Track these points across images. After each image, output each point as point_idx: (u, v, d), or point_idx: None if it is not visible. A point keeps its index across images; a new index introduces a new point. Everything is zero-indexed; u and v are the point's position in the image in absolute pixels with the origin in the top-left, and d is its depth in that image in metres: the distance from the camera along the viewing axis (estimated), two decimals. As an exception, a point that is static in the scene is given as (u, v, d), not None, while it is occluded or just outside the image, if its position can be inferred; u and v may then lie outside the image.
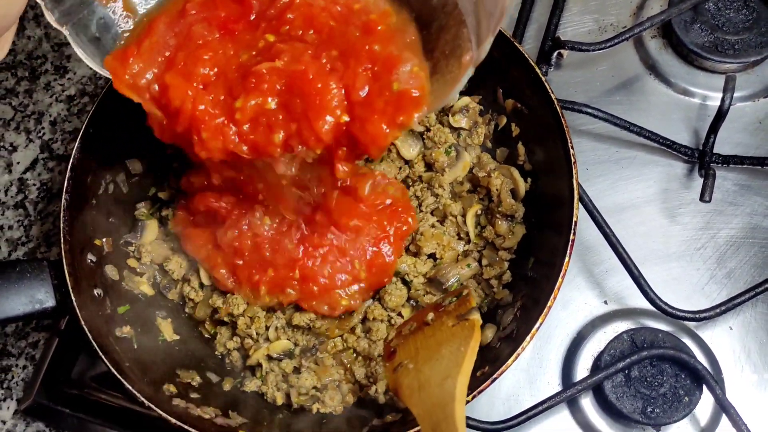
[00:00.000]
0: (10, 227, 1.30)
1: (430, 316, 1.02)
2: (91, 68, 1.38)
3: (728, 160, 1.21)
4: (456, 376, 0.90)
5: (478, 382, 0.96)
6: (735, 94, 1.17)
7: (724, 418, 1.08)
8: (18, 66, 1.40)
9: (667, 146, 1.22)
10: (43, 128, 1.36)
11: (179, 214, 1.17)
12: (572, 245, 0.99)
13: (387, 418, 1.04)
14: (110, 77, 0.96)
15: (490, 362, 1.00)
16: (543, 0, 1.34)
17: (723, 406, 1.06)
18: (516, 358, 0.96)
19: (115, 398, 1.17)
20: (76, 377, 1.20)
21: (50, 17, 0.94)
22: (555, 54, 1.27)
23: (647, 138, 1.22)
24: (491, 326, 1.08)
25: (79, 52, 0.96)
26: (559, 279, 0.98)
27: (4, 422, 1.20)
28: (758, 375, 1.13)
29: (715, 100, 1.25)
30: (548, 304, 0.97)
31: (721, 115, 1.17)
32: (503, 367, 0.96)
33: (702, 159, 1.20)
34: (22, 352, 1.24)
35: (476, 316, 0.97)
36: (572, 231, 1.00)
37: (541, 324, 0.97)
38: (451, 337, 0.96)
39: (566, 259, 0.98)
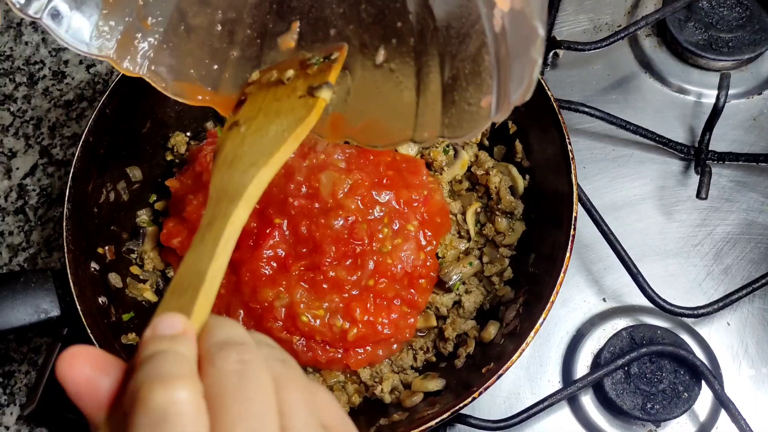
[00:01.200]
0: (11, 233, 1.31)
1: (290, 72, 0.83)
2: (88, 72, 1.39)
3: (724, 157, 1.22)
4: (260, 166, 0.72)
5: (484, 379, 0.97)
6: (730, 92, 1.19)
7: (723, 414, 1.09)
8: (16, 71, 1.40)
9: (663, 144, 1.23)
10: (42, 133, 1.36)
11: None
12: (573, 240, 1.00)
13: (393, 416, 1.05)
14: (107, 60, 0.89)
15: (494, 359, 1.01)
16: (538, 0, 1.35)
17: (722, 402, 1.07)
18: (521, 353, 0.97)
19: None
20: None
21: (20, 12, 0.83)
22: (551, 54, 1.28)
23: (643, 136, 1.23)
24: (494, 323, 1.09)
25: (64, 38, 0.86)
26: (561, 274, 0.99)
27: (7, 428, 1.20)
28: (756, 370, 1.14)
29: (710, 97, 1.26)
30: (551, 299, 0.98)
31: (716, 112, 1.18)
32: (508, 363, 0.96)
33: (698, 156, 1.22)
34: (24, 358, 1.24)
35: (325, 95, 0.78)
36: (573, 226, 1.01)
37: (544, 319, 0.98)
38: (288, 111, 0.78)
39: (567, 253, 0.99)
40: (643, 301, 1.13)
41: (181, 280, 0.62)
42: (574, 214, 1.01)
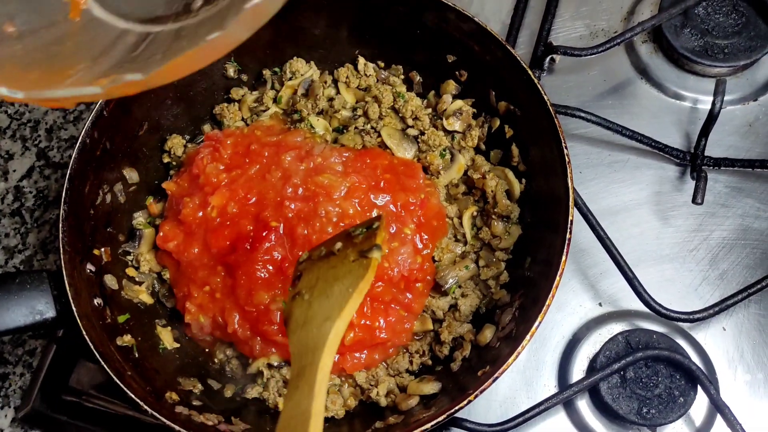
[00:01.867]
0: (7, 235, 1.31)
1: (338, 245, 0.97)
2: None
3: (719, 163, 1.22)
4: (335, 319, 0.86)
5: (479, 382, 0.97)
6: (725, 98, 1.19)
7: (719, 418, 1.09)
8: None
9: (659, 149, 1.24)
10: (39, 136, 1.36)
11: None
12: (569, 243, 1.00)
13: (389, 420, 1.05)
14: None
15: (490, 362, 1.01)
16: (535, 6, 1.36)
17: (717, 406, 1.08)
18: (516, 357, 0.97)
19: (114, 405, 1.17)
20: (74, 384, 1.20)
21: None
22: (547, 59, 1.28)
23: (639, 141, 1.23)
24: (490, 327, 1.10)
25: None
26: (557, 277, 0.99)
27: (2, 430, 1.20)
28: (752, 375, 1.14)
29: (705, 103, 1.26)
30: (547, 303, 0.98)
31: (711, 118, 1.18)
32: (504, 366, 0.96)
33: (693, 162, 1.22)
34: (19, 360, 1.24)
35: (376, 255, 0.91)
36: (569, 230, 1.01)
37: (540, 322, 0.98)
38: (347, 274, 0.91)
39: (563, 257, 1.00)
40: (639, 306, 1.14)
41: (286, 423, 0.78)
42: (570, 219, 1.01)
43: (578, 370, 1.15)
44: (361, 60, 1.25)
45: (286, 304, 0.96)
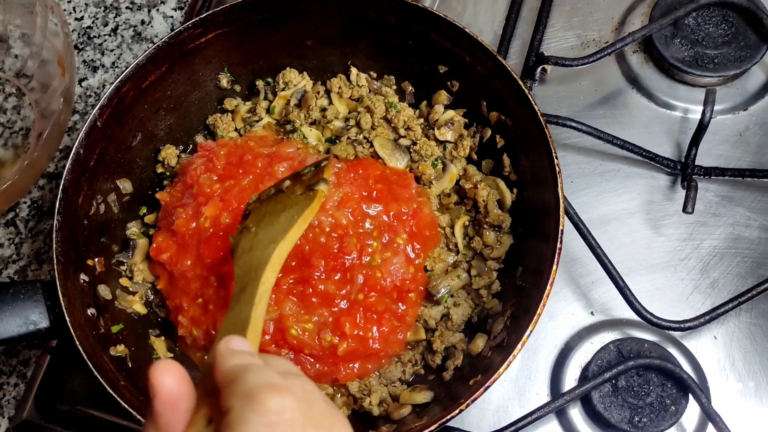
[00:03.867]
0: (1, 245, 1.31)
1: (286, 183, 1.04)
2: (80, 86, 1.40)
3: (710, 172, 1.23)
4: (278, 241, 0.92)
5: (471, 391, 0.97)
6: (715, 107, 1.20)
7: (710, 427, 1.10)
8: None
9: (650, 159, 1.24)
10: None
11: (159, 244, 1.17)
12: (560, 252, 1.01)
13: (382, 429, 1.05)
14: None
15: (482, 371, 1.01)
16: (527, 17, 1.36)
17: (709, 415, 1.08)
18: (508, 366, 0.97)
19: (108, 415, 1.18)
20: (68, 395, 1.20)
21: None
22: (539, 69, 1.29)
23: (630, 151, 1.24)
24: (482, 336, 1.10)
25: None
26: (548, 287, 0.99)
27: (-4, 440, 1.20)
28: (743, 383, 1.15)
29: (696, 113, 1.27)
30: (538, 312, 0.98)
31: (702, 127, 1.19)
32: (495, 376, 0.97)
33: (684, 171, 1.23)
34: (13, 370, 1.24)
35: (323, 187, 0.98)
36: (559, 239, 1.02)
37: (531, 331, 0.98)
38: (293, 205, 0.98)
39: (554, 266, 1.00)
40: (631, 315, 1.14)
41: (226, 330, 0.80)
42: (560, 228, 1.02)
43: (570, 379, 1.15)
44: (354, 70, 1.26)
45: (233, 237, 1.01)
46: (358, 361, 1.10)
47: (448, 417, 0.96)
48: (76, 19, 1.46)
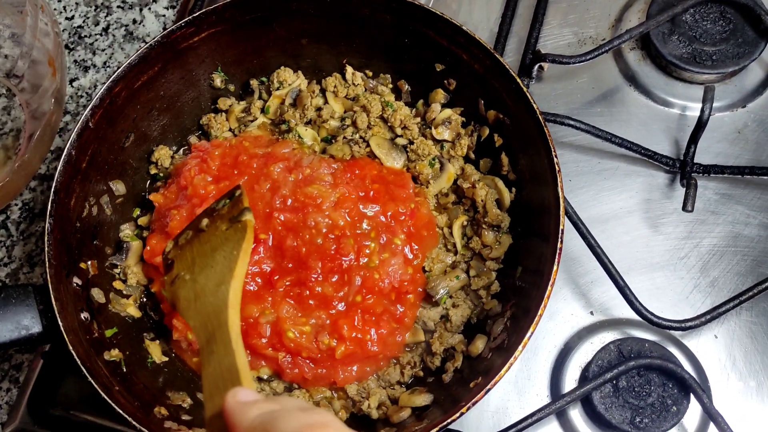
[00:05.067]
0: (-8, 249, 1.29)
1: (204, 221, 1.00)
2: (71, 86, 1.38)
3: (709, 170, 1.22)
4: (229, 282, 0.88)
5: (472, 394, 0.96)
6: (714, 105, 1.19)
7: (712, 427, 1.09)
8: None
9: (649, 157, 1.23)
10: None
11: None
12: (560, 252, 1.00)
13: (380, 432, 1.04)
14: None
15: (482, 373, 1.00)
16: (523, 14, 1.35)
17: (710, 415, 1.07)
18: (509, 368, 0.96)
19: (102, 420, 1.16)
20: (62, 399, 1.19)
21: None
22: (536, 67, 1.28)
23: (629, 149, 1.23)
24: (482, 337, 1.09)
25: None
26: (549, 287, 0.98)
27: (-12, 446, 1.19)
28: (744, 383, 1.14)
29: (694, 110, 1.26)
30: (539, 313, 0.98)
31: (700, 125, 1.18)
32: (497, 378, 0.96)
33: (683, 169, 1.22)
34: (6, 375, 1.22)
35: (248, 217, 0.95)
36: (559, 239, 1.00)
37: (532, 332, 0.97)
38: (225, 242, 0.94)
39: (555, 267, 0.99)
40: (631, 314, 1.13)
41: (214, 385, 0.77)
42: (561, 227, 1.01)
43: (570, 380, 1.14)
44: (349, 69, 1.25)
45: (165, 291, 0.97)
46: (357, 363, 1.08)
47: (449, 420, 0.95)
48: (66, 18, 1.45)
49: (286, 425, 0.63)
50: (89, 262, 1.11)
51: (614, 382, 1.10)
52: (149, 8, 1.44)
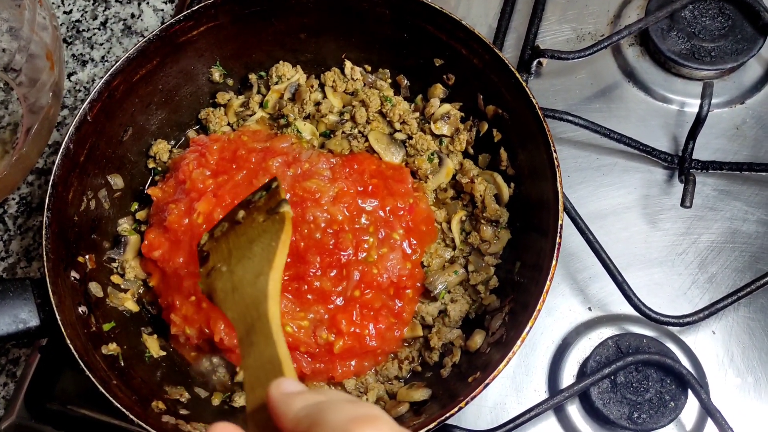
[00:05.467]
0: (-11, 243, 1.29)
1: (241, 213, 0.99)
2: (69, 80, 1.38)
3: (707, 166, 1.22)
4: (268, 273, 0.87)
5: (470, 388, 0.96)
6: (713, 101, 1.19)
7: (710, 422, 1.09)
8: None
9: (647, 153, 1.23)
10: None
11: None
12: (559, 247, 1.00)
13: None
14: None
15: (481, 368, 1.00)
16: (522, 9, 1.35)
17: (708, 411, 1.07)
18: (507, 363, 0.96)
19: (100, 415, 1.16)
20: (59, 394, 1.18)
21: None
22: (535, 62, 1.28)
23: (627, 145, 1.23)
24: (480, 332, 1.09)
25: None
26: (547, 282, 0.98)
27: (-15, 441, 1.18)
28: (742, 378, 1.14)
29: (693, 106, 1.26)
30: (537, 308, 0.97)
31: (699, 121, 1.18)
32: (495, 372, 0.96)
33: (681, 165, 1.22)
34: (3, 369, 1.22)
35: (286, 209, 0.93)
36: (558, 234, 1.00)
37: (531, 327, 0.97)
38: (262, 233, 0.93)
39: (553, 261, 0.99)
40: (629, 310, 1.13)
41: (255, 377, 0.75)
42: (559, 222, 1.01)
43: (568, 375, 1.14)
44: (348, 64, 1.24)
45: (201, 283, 0.96)
46: (355, 358, 1.08)
47: (447, 415, 0.95)
48: (64, 12, 1.44)
49: (334, 417, 0.61)
50: (87, 256, 1.10)
51: (612, 377, 1.10)
52: (147, 2, 1.44)
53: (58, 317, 0.99)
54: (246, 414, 0.74)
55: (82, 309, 1.05)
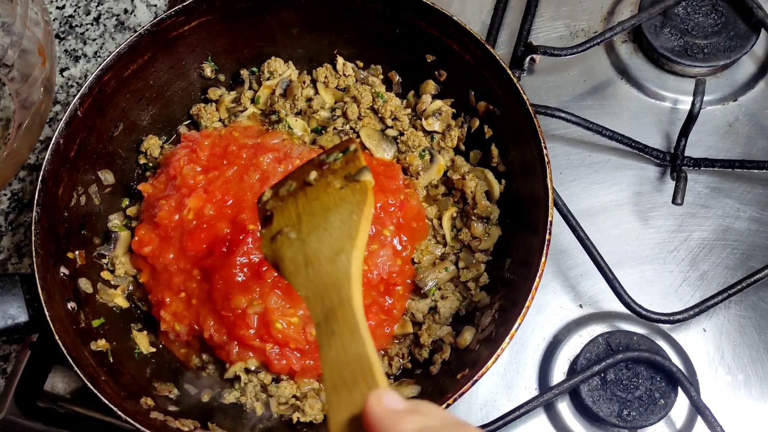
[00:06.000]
0: (-20, 239, 1.29)
1: (313, 174, 0.89)
2: (62, 76, 1.37)
3: (699, 163, 1.22)
4: (351, 251, 0.78)
5: (459, 385, 0.96)
6: (705, 98, 1.19)
7: (700, 420, 1.09)
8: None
9: (639, 150, 1.23)
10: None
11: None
12: (548, 244, 1.00)
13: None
14: None
15: (470, 365, 1.00)
16: (515, 6, 1.35)
17: (698, 408, 1.07)
18: (496, 359, 0.96)
19: (89, 411, 1.16)
20: (49, 390, 1.18)
21: None
22: (527, 59, 1.28)
23: (619, 142, 1.23)
24: (470, 329, 1.09)
25: None
26: (537, 279, 0.98)
27: (-24, 437, 1.18)
28: (732, 376, 1.14)
29: (685, 103, 1.26)
30: (526, 304, 0.97)
31: (691, 118, 1.18)
32: (483, 369, 0.96)
33: (674, 162, 1.22)
34: (-7, 366, 1.22)
35: (368, 177, 0.85)
36: (548, 230, 1.00)
37: (520, 324, 0.97)
38: (339, 202, 0.84)
39: (543, 258, 0.99)
40: (620, 308, 1.13)
41: (338, 375, 0.68)
42: (549, 219, 1.01)
43: (559, 373, 1.14)
44: (340, 60, 1.24)
45: (266, 248, 0.87)
46: None
47: (436, 411, 0.94)
48: (57, 7, 1.44)
49: None
50: (77, 252, 1.10)
51: (602, 374, 1.10)
52: (140, -2, 1.44)
53: (47, 313, 0.98)
54: (329, 421, 0.67)
55: (71, 305, 1.05)
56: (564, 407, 1.13)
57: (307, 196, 0.87)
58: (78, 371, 0.96)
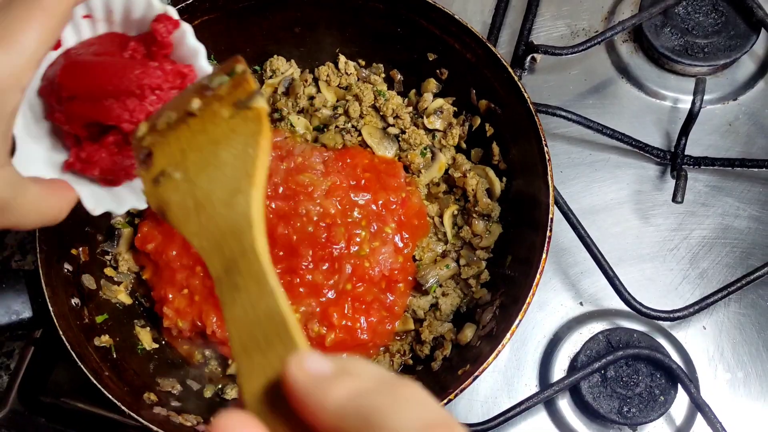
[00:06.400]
0: (-17, 236, 1.29)
1: (196, 103, 0.73)
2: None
3: (699, 162, 1.23)
4: (248, 190, 0.66)
5: (460, 381, 0.96)
6: (705, 97, 1.19)
7: (699, 417, 1.10)
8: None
9: (640, 148, 1.24)
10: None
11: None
12: (549, 242, 1.00)
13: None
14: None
15: (471, 361, 1.00)
16: (516, 5, 1.35)
17: (698, 405, 1.08)
18: (497, 355, 0.96)
19: (93, 407, 1.16)
20: (53, 386, 1.19)
21: None
22: (528, 58, 1.28)
23: (620, 140, 1.23)
24: (471, 325, 1.09)
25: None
26: (537, 275, 0.99)
27: (-21, 433, 1.19)
28: (732, 374, 1.14)
29: (685, 102, 1.27)
30: (527, 301, 0.98)
31: (691, 117, 1.19)
32: (485, 365, 0.96)
33: (674, 161, 1.22)
34: (-4, 362, 1.23)
35: (261, 103, 0.70)
36: (549, 228, 1.01)
37: (520, 320, 0.98)
38: (230, 134, 0.70)
39: (543, 255, 0.99)
40: (620, 305, 1.14)
41: (248, 335, 0.58)
42: (550, 217, 1.01)
43: (559, 370, 1.15)
44: (342, 58, 1.25)
45: (146, 193, 0.73)
46: (346, 351, 1.09)
47: (437, 407, 0.95)
48: (60, 6, 1.44)
49: (399, 423, 0.47)
50: (80, 249, 1.11)
51: (602, 371, 1.11)
52: (143, -4, 1.44)
53: (51, 309, 0.99)
54: (241, 389, 0.57)
55: (75, 301, 1.05)
56: (564, 404, 1.14)
57: (191, 129, 0.73)
58: (82, 367, 0.97)
